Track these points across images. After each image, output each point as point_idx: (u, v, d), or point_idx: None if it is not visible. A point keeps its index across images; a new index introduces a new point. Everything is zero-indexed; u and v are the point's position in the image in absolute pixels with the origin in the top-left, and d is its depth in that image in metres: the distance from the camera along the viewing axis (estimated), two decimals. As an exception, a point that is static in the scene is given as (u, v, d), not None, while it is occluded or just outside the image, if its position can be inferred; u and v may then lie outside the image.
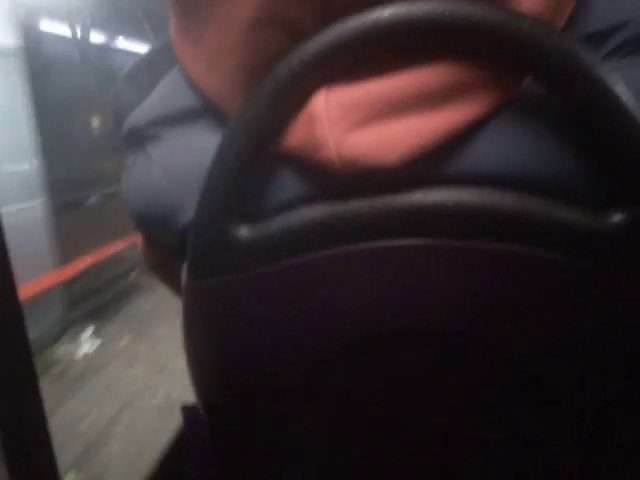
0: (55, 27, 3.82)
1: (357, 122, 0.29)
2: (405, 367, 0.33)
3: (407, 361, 0.33)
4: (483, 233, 0.29)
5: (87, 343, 3.00)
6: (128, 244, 3.73)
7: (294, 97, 0.30)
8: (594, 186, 0.29)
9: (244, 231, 0.32)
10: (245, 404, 0.39)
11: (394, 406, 0.35)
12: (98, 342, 3.01)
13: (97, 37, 4.44)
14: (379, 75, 0.29)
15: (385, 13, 0.27)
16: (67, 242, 3.25)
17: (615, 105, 0.26)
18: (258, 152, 0.31)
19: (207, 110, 0.35)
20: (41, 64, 3.32)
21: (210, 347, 0.37)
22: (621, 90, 0.26)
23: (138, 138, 0.38)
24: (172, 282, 0.46)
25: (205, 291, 0.34)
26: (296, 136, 0.30)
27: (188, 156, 0.35)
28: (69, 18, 3.78)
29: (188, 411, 0.52)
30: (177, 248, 0.37)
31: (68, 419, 2.23)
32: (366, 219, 0.30)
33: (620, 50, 0.28)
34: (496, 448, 0.35)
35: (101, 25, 4.27)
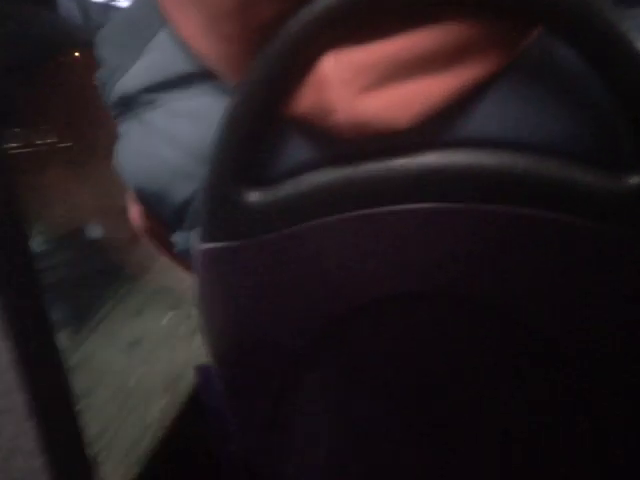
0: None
1: (367, 85, 0.28)
2: (417, 329, 0.34)
3: (420, 323, 0.34)
4: (497, 196, 0.29)
5: None
6: None
7: (302, 59, 0.29)
8: (611, 148, 0.28)
9: (254, 196, 0.32)
10: (257, 366, 0.39)
11: (404, 369, 0.36)
12: None
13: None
14: (388, 36, 0.28)
15: None
16: None
17: (633, 59, 0.25)
18: (266, 116, 0.30)
19: (205, 74, 0.34)
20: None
21: (221, 310, 0.38)
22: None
23: (132, 105, 0.37)
24: (167, 250, 0.46)
25: (215, 256, 0.35)
26: (306, 100, 0.29)
27: (188, 122, 0.34)
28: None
29: (202, 370, 0.54)
30: (175, 220, 0.37)
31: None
32: (378, 183, 0.30)
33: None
34: (504, 410, 0.36)
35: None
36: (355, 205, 0.31)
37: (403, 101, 0.28)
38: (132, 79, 0.37)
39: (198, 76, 0.34)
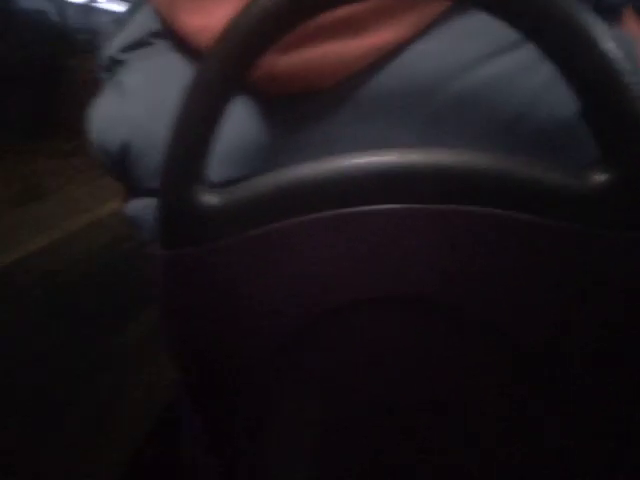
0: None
1: (290, 45, 0.28)
2: (384, 334, 0.33)
3: (385, 328, 0.33)
4: (459, 196, 0.28)
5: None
6: None
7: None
8: (576, 146, 0.28)
9: (212, 198, 0.31)
10: (225, 376, 0.38)
11: (375, 373, 0.35)
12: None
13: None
14: None
15: None
16: None
17: (600, 59, 0.24)
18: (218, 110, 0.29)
19: (165, 32, 0.35)
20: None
21: (184, 319, 0.37)
22: (608, 44, 0.24)
23: (111, 65, 0.38)
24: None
25: (176, 262, 0.33)
26: None
27: (144, 79, 0.35)
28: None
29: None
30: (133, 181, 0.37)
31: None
32: (336, 184, 0.29)
33: None
34: (477, 414, 0.35)
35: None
36: (316, 207, 0.29)
37: (324, 60, 0.29)
38: (113, 42, 0.38)
39: (160, 34, 0.36)
